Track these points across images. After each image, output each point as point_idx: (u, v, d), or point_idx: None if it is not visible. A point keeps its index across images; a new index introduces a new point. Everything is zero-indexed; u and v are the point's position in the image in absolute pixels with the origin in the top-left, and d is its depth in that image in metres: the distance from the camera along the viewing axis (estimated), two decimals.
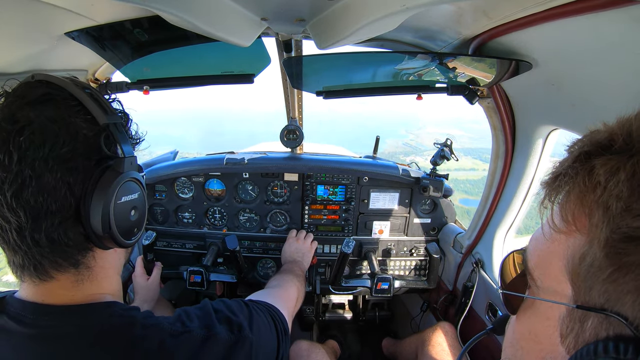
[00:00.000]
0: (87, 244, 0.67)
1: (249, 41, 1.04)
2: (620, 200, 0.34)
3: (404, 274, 2.16)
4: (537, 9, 0.81)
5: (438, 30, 1.21)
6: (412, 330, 2.23)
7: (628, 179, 0.34)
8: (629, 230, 0.33)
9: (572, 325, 0.40)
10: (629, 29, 0.70)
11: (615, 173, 0.35)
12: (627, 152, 0.36)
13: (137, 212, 0.75)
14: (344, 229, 2.09)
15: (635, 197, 0.34)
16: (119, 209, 0.68)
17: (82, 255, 0.67)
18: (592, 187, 0.38)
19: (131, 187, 0.72)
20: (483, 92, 1.44)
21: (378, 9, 0.77)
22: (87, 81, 1.45)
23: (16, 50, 1.03)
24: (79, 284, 0.68)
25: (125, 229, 0.71)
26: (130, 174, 0.71)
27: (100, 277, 0.71)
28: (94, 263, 0.70)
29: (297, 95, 1.86)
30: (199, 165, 1.94)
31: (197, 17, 0.82)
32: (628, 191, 0.34)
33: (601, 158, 0.37)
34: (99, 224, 0.64)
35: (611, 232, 0.35)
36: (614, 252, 0.35)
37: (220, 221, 2.11)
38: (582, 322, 0.39)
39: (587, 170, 0.39)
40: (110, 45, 1.24)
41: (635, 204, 0.33)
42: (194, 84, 1.61)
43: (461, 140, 30.59)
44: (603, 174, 0.36)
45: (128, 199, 0.71)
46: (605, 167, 0.36)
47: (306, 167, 1.92)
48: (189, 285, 1.81)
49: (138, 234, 0.77)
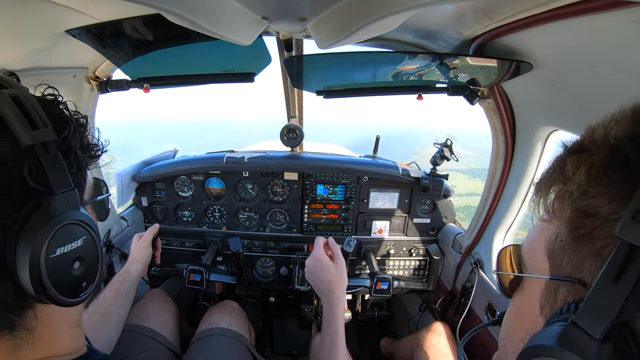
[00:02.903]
0: (23, 302, 0.52)
1: (249, 40, 1.04)
2: (580, 187, 0.44)
3: (403, 274, 2.16)
4: (538, 10, 0.81)
5: (439, 30, 1.21)
6: (410, 330, 2.23)
7: (587, 170, 0.44)
8: (586, 208, 0.43)
9: (548, 296, 0.48)
10: (629, 31, 0.70)
11: (579, 167, 0.45)
12: (589, 151, 0.45)
13: (84, 264, 0.57)
14: (344, 229, 2.09)
15: (591, 183, 0.43)
16: (53, 263, 0.51)
17: (18, 315, 0.52)
18: (564, 180, 0.47)
19: (70, 233, 0.54)
20: (483, 92, 1.44)
21: (379, 8, 0.77)
22: (87, 79, 1.45)
23: (17, 48, 1.03)
24: (16, 350, 0.53)
25: (67, 287, 0.54)
26: (68, 216, 0.53)
27: (46, 337, 0.56)
28: (35, 323, 0.54)
29: (298, 95, 1.86)
30: (199, 164, 1.94)
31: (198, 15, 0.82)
32: (586, 180, 0.43)
33: (571, 157, 0.46)
34: (29, 283, 0.48)
35: (573, 211, 0.45)
36: (574, 227, 0.44)
37: (220, 220, 2.11)
38: (556, 292, 0.47)
39: (561, 168, 0.48)
40: (111, 43, 1.24)
41: (591, 189, 0.43)
42: (194, 82, 1.61)
43: (466, 160, 30.16)
44: (571, 169, 0.46)
45: (66, 249, 0.53)
46: (572, 163, 0.46)
47: (306, 166, 1.93)
48: (188, 284, 1.81)
49: (88, 288, 0.59)
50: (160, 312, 1.62)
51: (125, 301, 1.35)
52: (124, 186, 1.93)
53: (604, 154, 0.43)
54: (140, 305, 1.62)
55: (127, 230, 1.95)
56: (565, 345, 0.39)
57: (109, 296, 1.30)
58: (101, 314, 1.24)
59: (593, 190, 0.42)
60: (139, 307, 1.61)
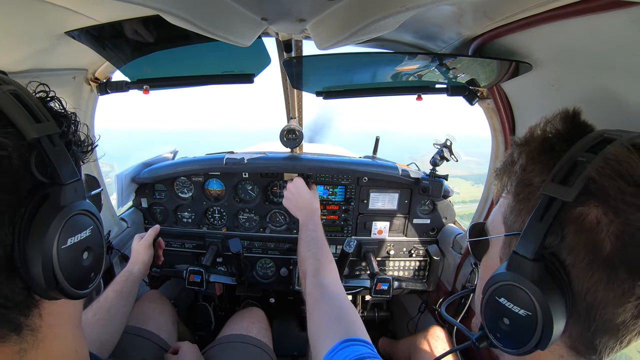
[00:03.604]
0: (30, 300, 0.51)
1: (249, 41, 1.04)
2: (521, 167, 0.62)
3: (403, 275, 2.16)
4: (538, 10, 0.81)
5: (438, 30, 1.21)
6: (410, 331, 2.22)
7: (526, 155, 0.61)
8: (525, 180, 0.60)
9: (505, 250, 0.65)
10: (629, 31, 0.70)
11: (521, 154, 0.63)
12: (529, 143, 0.62)
13: (92, 254, 0.57)
14: (343, 229, 2.09)
15: (529, 163, 0.60)
16: (65, 254, 0.52)
17: (26, 315, 0.51)
18: (512, 164, 0.65)
19: (80, 223, 0.55)
20: (483, 93, 1.44)
21: (378, 9, 0.77)
22: (87, 80, 1.45)
23: (16, 49, 1.03)
24: (21, 356, 0.51)
25: (78, 278, 0.55)
26: (77, 206, 0.54)
27: (49, 339, 0.55)
28: (40, 322, 0.53)
29: (297, 96, 1.86)
30: (199, 165, 1.94)
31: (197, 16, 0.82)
32: (525, 161, 0.61)
33: (517, 148, 0.64)
34: (41, 276, 0.48)
35: (517, 184, 0.62)
36: (517, 193, 0.62)
37: (220, 221, 2.11)
38: (510, 245, 0.64)
39: (511, 156, 0.66)
40: (110, 44, 1.24)
41: (529, 167, 0.60)
42: (194, 83, 1.61)
43: (468, 166, 29.99)
44: (516, 156, 0.64)
45: (77, 239, 0.54)
46: (517, 152, 0.64)
47: (306, 167, 1.92)
48: (188, 285, 1.80)
49: (95, 279, 0.60)
50: (158, 314, 1.61)
51: (127, 301, 1.35)
52: (124, 187, 1.92)
53: (538, 144, 0.61)
54: (137, 307, 1.62)
55: (127, 231, 1.95)
56: (510, 269, 0.57)
57: (112, 296, 1.30)
58: (104, 313, 1.24)
59: (529, 168, 0.60)
60: (135, 308, 1.61)
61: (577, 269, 0.52)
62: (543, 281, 0.52)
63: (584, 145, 0.54)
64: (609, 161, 0.49)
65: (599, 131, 0.58)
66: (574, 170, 0.52)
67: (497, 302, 0.58)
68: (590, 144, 0.54)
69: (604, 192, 0.49)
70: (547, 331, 0.52)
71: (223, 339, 1.59)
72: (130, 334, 1.43)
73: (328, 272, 1.23)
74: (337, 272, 1.27)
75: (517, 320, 0.56)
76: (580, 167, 0.51)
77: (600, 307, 0.51)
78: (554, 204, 0.52)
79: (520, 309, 0.55)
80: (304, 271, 1.30)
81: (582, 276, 0.51)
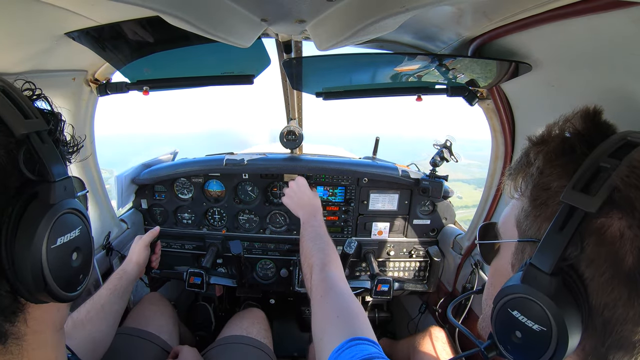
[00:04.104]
0: (16, 304, 0.49)
1: (249, 42, 1.04)
2: (538, 169, 0.57)
3: (404, 276, 2.15)
4: (537, 11, 0.81)
5: (438, 31, 1.21)
6: (410, 332, 2.22)
7: (544, 156, 0.57)
8: (542, 184, 0.56)
9: (517, 256, 0.61)
10: (629, 31, 0.70)
11: (538, 155, 0.58)
12: (547, 143, 0.58)
13: (81, 254, 0.55)
14: (344, 230, 2.08)
15: (547, 166, 0.56)
16: (54, 254, 0.49)
17: (12, 321, 0.48)
18: (528, 165, 0.60)
19: (70, 222, 0.53)
20: (483, 93, 1.44)
21: (378, 10, 0.77)
22: (87, 81, 1.45)
23: (16, 50, 1.03)
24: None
25: (67, 280, 0.52)
26: (66, 204, 0.52)
27: (32, 347, 0.52)
28: (25, 329, 0.51)
29: (297, 97, 1.86)
30: (199, 166, 1.94)
31: (197, 17, 0.82)
32: (543, 163, 0.57)
33: (533, 148, 0.60)
34: (29, 278, 0.46)
35: (533, 187, 0.58)
36: (534, 198, 0.57)
37: (220, 222, 2.11)
38: (523, 252, 0.60)
39: (526, 156, 0.62)
40: (110, 45, 1.23)
41: (546, 170, 0.56)
42: (193, 84, 1.61)
43: (470, 170, 29.95)
44: (533, 156, 0.59)
45: (66, 239, 0.52)
46: (534, 152, 0.60)
47: (306, 168, 1.92)
48: (188, 286, 1.80)
49: (84, 281, 0.57)
50: (159, 316, 1.61)
51: (121, 299, 1.33)
52: (124, 189, 1.92)
53: (557, 144, 0.57)
54: (138, 309, 1.62)
55: (127, 232, 1.94)
56: (525, 281, 0.53)
57: (105, 293, 1.29)
58: (97, 310, 1.23)
59: (547, 171, 0.56)
60: (136, 310, 1.61)
61: (596, 283, 0.49)
62: (560, 295, 0.49)
63: (606, 149, 0.51)
64: (635, 169, 0.46)
65: (622, 133, 0.54)
66: (596, 177, 0.48)
67: (510, 315, 0.55)
68: (613, 147, 0.51)
69: (630, 203, 0.45)
70: (562, 347, 0.50)
71: (223, 340, 1.58)
72: (132, 336, 1.43)
73: (335, 267, 1.19)
74: (342, 269, 1.24)
75: (531, 334, 0.53)
76: (604, 175, 0.48)
77: (618, 324, 0.48)
78: (576, 214, 0.48)
79: (534, 324, 0.52)
80: (309, 265, 1.23)
81: (601, 291, 0.48)
